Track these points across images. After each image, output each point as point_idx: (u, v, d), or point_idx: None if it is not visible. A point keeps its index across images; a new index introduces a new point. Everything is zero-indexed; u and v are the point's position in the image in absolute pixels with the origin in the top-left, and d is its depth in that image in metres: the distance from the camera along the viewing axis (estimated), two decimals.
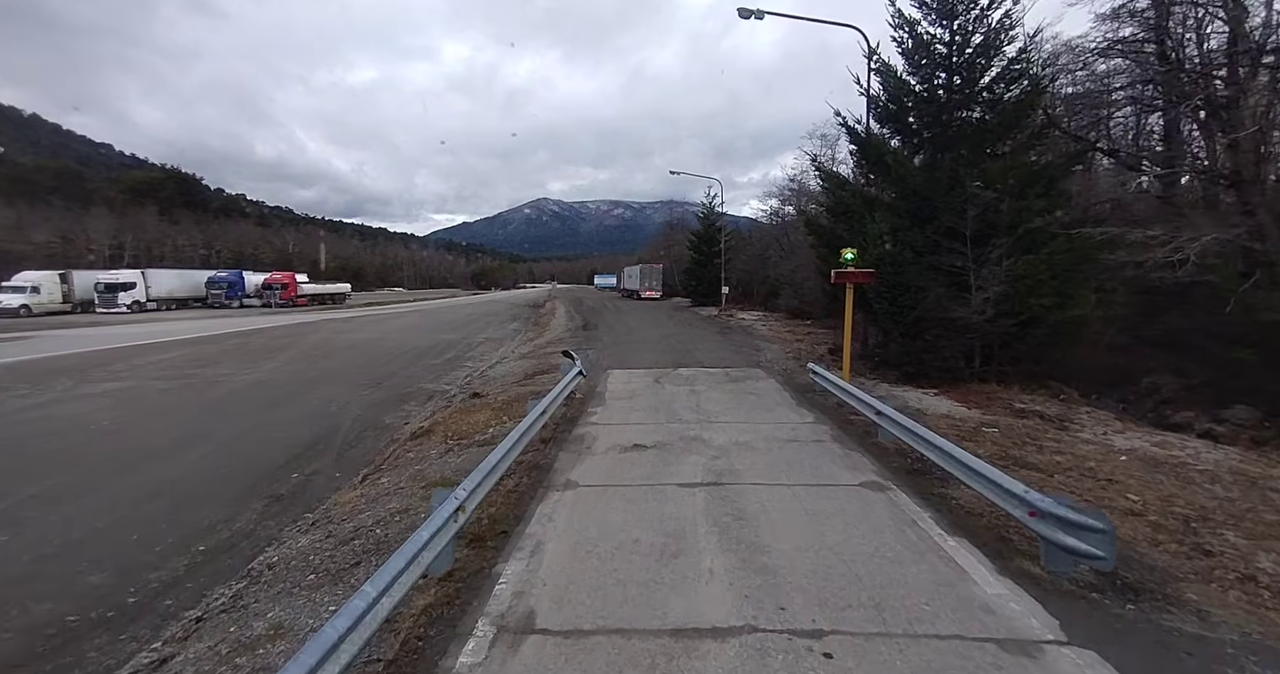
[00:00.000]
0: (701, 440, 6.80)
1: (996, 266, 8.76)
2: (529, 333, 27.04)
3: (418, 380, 14.76)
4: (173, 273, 48.17)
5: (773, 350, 15.71)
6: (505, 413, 8.57)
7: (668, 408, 8.51)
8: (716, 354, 14.75)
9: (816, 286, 23.71)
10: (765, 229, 44.86)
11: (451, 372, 16.09)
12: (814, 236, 10.10)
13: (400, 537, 4.52)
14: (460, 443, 7.46)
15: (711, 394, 9.40)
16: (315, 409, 11.43)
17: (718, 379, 10.86)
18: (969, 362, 9.15)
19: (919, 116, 9.69)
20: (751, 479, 5.49)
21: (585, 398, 9.49)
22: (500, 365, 15.99)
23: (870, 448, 6.53)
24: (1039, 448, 6.43)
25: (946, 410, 8.30)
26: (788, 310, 28.61)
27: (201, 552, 5.37)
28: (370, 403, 12.07)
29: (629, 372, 12.00)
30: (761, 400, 8.95)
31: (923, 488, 5.26)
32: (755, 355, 14.58)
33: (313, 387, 13.73)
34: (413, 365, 17.25)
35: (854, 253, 8.48)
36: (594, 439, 7.02)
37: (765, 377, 11.14)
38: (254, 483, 7.34)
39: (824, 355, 14.40)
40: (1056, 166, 9.05)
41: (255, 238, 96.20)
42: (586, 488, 5.38)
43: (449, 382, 14.57)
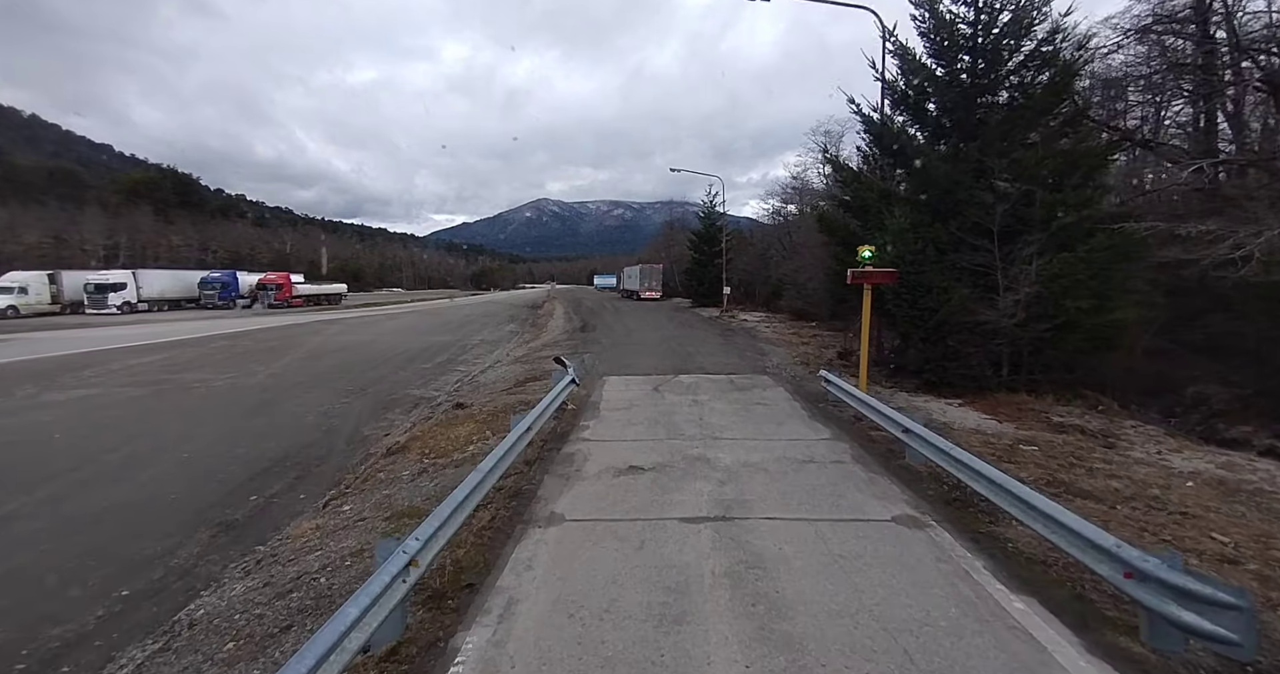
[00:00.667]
0: (706, 461, 6.03)
1: (1027, 266, 8.00)
2: (526, 335, 26.27)
3: (405, 386, 14.00)
4: (165, 273, 47.41)
5: (779, 354, 14.93)
6: (490, 426, 7.80)
7: (668, 421, 7.73)
8: (720, 359, 13.97)
9: (821, 287, 22.94)
10: (767, 229, 44.10)
11: (442, 376, 15.33)
12: (827, 234, 9.35)
13: (347, 588, 3.75)
14: (437, 462, 6.69)
15: (716, 405, 8.63)
16: (291, 419, 10.66)
17: (722, 387, 10.09)
18: (996, 369, 8.37)
19: (940, 103, 8.91)
20: (766, 511, 4.72)
21: (578, 409, 8.72)
22: (492, 370, 15.21)
23: (897, 471, 5.76)
24: (1089, 471, 5.66)
25: (975, 424, 7.53)
26: (791, 311, 27.83)
27: (124, 598, 4.59)
28: (351, 411, 11.31)
29: (627, 378, 11.22)
30: (771, 412, 8.18)
31: (968, 525, 4.48)
32: (761, 360, 13.80)
33: (293, 393, 12.97)
34: (402, 370, 16.47)
35: (872, 251, 7.73)
36: (585, 459, 6.25)
37: (773, 384, 10.36)
38: (207, 507, 6.58)
39: (833, 360, 13.63)
40: (1095, 154, 8.25)
41: (252, 238, 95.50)
42: (573, 523, 4.61)
43: (438, 387, 13.81)
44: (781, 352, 15.53)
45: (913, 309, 8.56)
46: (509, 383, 12.25)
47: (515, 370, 14.24)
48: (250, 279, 50.43)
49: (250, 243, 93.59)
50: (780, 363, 13.24)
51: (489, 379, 13.63)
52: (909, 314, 8.62)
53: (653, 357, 14.52)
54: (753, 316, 29.69)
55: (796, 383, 10.62)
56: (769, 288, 35.89)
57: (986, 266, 8.36)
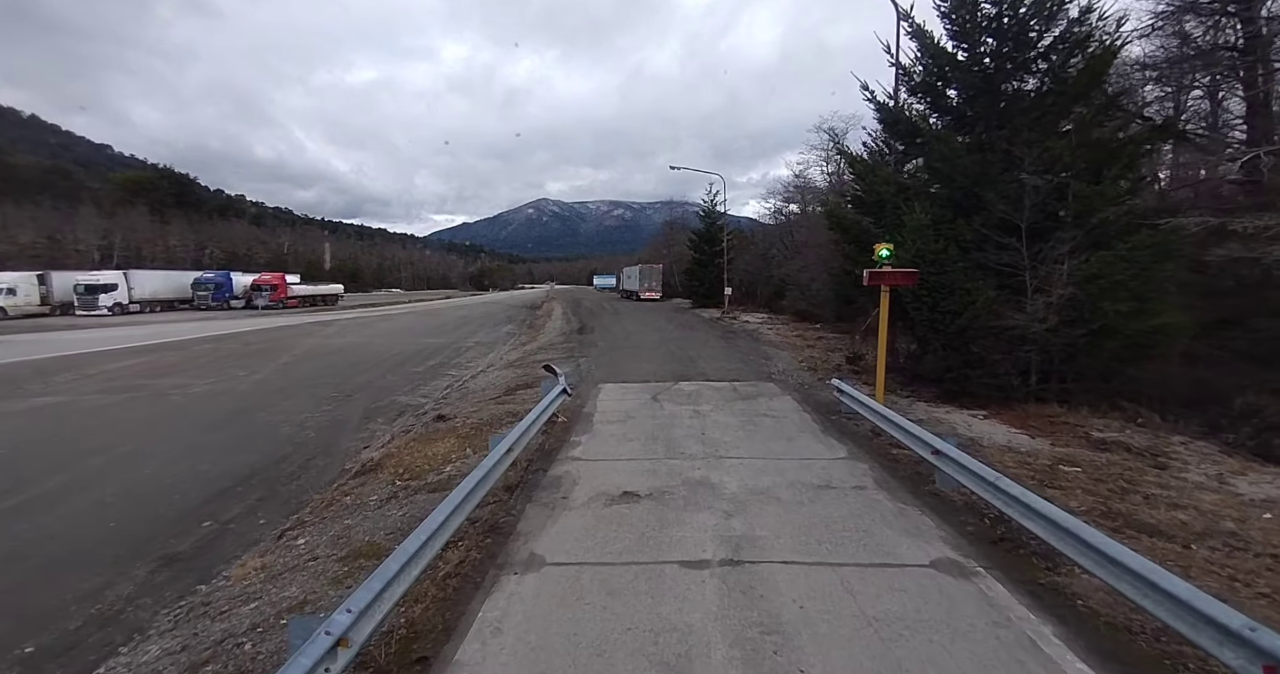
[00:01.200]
0: (710, 486, 5.33)
1: (1058, 265, 7.31)
2: (522, 337, 25.59)
3: (393, 392, 13.32)
4: (157, 274, 46.74)
5: (783, 359, 14.23)
6: (471, 442, 7.11)
7: (667, 436, 7.04)
8: (722, 364, 13.27)
9: (826, 287, 22.23)
10: (768, 229, 43.42)
11: (432, 381, 14.65)
12: (838, 232, 8.66)
13: (271, 660, 3.06)
14: (409, 484, 6.00)
15: (719, 417, 7.93)
16: (266, 429, 9.98)
17: (725, 396, 9.39)
18: (1024, 378, 7.68)
19: (962, 90, 8.21)
20: (781, 553, 4.03)
21: (570, 421, 8.02)
22: (483, 375, 14.52)
23: (927, 499, 5.06)
24: (1145, 498, 4.97)
25: (1005, 439, 6.83)
26: (794, 312, 27.14)
27: (25, 658, 3.90)
28: (331, 421, 10.63)
29: (623, 386, 10.53)
30: (780, 426, 7.48)
31: (1022, 572, 3.79)
32: (765, 365, 13.10)
33: (273, 400, 12.28)
34: (391, 374, 15.78)
35: (890, 250, 7.04)
36: (574, 483, 5.55)
37: (780, 393, 9.66)
38: (153, 536, 5.88)
39: (841, 365, 12.93)
40: (1137, 143, 7.54)
41: (250, 238, 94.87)
42: (555, 568, 3.91)
43: (426, 393, 13.14)
44: (786, 356, 14.83)
45: (933, 312, 7.86)
46: (499, 390, 11.57)
47: (507, 376, 13.56)
48: (245, 280, 49.74)
49: (247, 243, 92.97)
50: (786, 368, 12.54)
51: (479, 385, 12.95)
52: (928, 318, 7.92)
53: (651, 361, 13.83)
54: (755, 318, 29.01)
55: (805, 391, 9.92)
56: (771, 288, 35.21)
57: (1013, 266, 7.67)
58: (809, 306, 24.41)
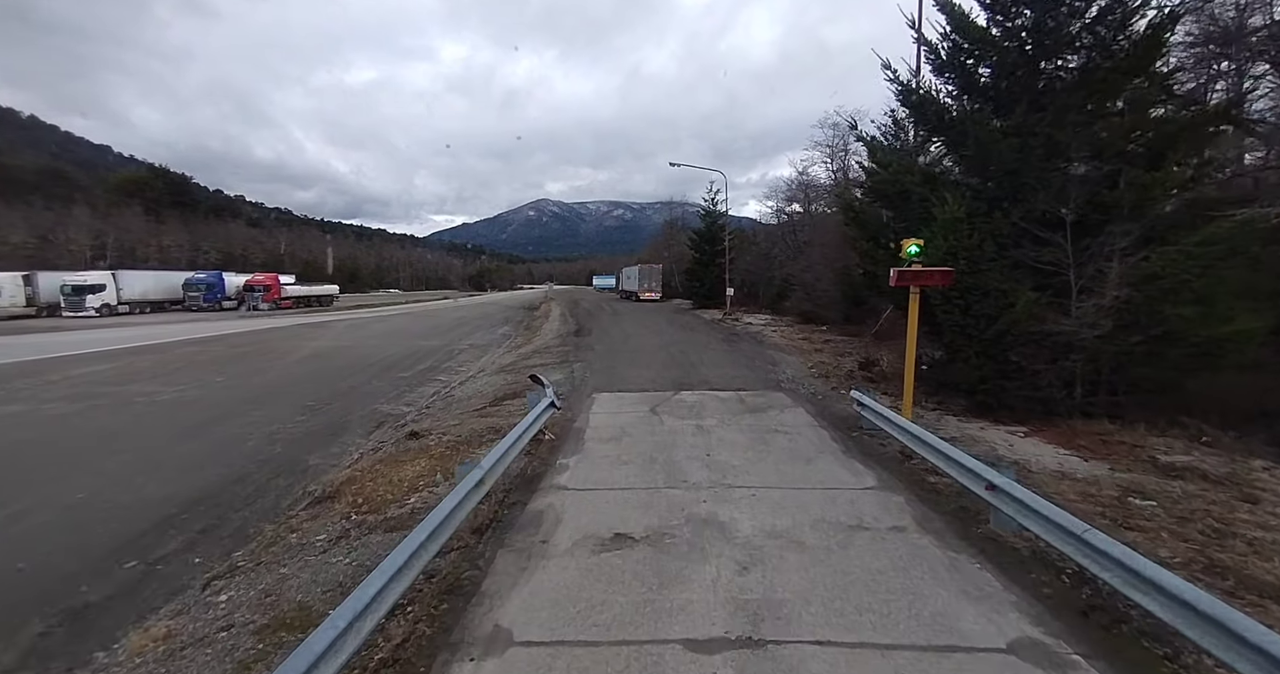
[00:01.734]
0: (718, 526, 4.46)
1: (1107, 262, 6.43)
2: (518, 339, 24.73)
3: (375, 399, 12.45)
4: (147, 274, 45.89)
5: (791, 364, 13.35)
6: (444, 465, 6.23)
7: (667, 459, 6.16)
8: (726, 370, 12.39)
9: (833, 288, 21.37)
10: (770, 228, 42.57)
11: (418, 388, 13.79)
12: (856, 227, 7.80)
13: None
14: (366, 519, 5.12)
15: (726, 433, 7.05)
16: (229, 443, 9.10)
17: (732, 408, 8.51)
18: (1068, 390, 6.80)
19: (997, 68, 7.30)
20: (814, 627, 3.15)
21: (559, 438, 7.14)
22: (472, 382, 13.65)
23: (983, 544, 4.18)
24: (1249, 545, 4.09)
25: (1055, 463, 5.96)
26: (799, 314, 26.25)
27: None
28: (303, 433, 9.76)
29: (620, 396, 9.64)
30: (795, 444, 6.61)
31: (1135, 663, 2.91)
32: (772, 371, 12.22)
33: (245, 409, 11.42)
34: (377, 379, 14.91)
35: (920, 245, 6.17)
36: (557, 520, 4.67)
37: (791, 404, 8.78)
38: (67, 578, 5.02)
39: (854, 372, 12.05)
40: (1206, 121, 6.63)
41: (246, 238, 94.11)
42: (524, 649, 3.04)
43: (410, 402, 12.28)
44: (794, 361, 13.95)
45: (965, 316, 6.97)
46: (485, 399, 10.70)
47: (497, 383, 12.69)
48: (237, 280, 48.90)
49: (244, 243, 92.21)
50: (795, 375, 11.66)
51: (465, 393, 12.08)
52: (959, 322, 7.03)
53: (650, 367, 12.95)
54: (757, 319, 28.13)
55: (818, 402, 9.03)
56: (774, 289, 34.33)
57: (1054, 264, 6.79)
58: (815, 308, 23.54)
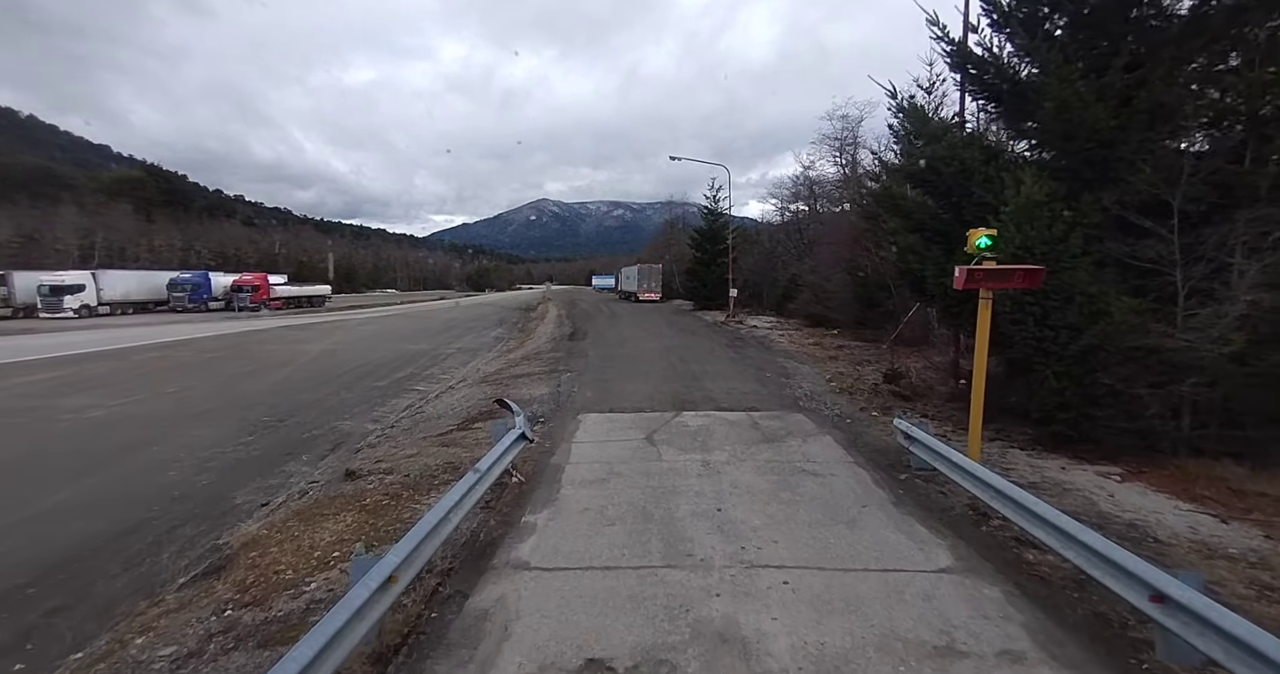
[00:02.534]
0: (741, 648, 2.99)
1: (1229, 258, 4.98)
2: (510, 342, 23.30)
3: (340, 414, 11.04)
4: (130, 274, 44.43)
5: (806, 375, 11.87)
6: (377, 521, 4.77)
7: (666, 514, 4.70)
8: (733, 383, 10.91)
9: (845, 290, 19.88)
10: (774, 227, 41.12)
11: (391, 400, 12.37)
12: (896, 218, 6.36)
13: None
14: (242, 618, 3.65)
15: (741, 474, 5.60)
16: (146, 475, 7.65)
17: (744, 435, 7.04)
18: (1174, 420, 5.34)
19: (1075, 16, 5.82)
20: None
21: (529, 480, 5.67)
22: (449, 394, 12.19)
23: None
24: None
25: (1183, 525, 4.48)
26: (806, 316, 24.78)
27: None
28: (242, 460, 8.33)
29: (611, 418, 8.17)
30: (830, 492, 5.14)
31: None
32: (787, 385, 10.73)
33: (187, 427, 9.99)
34: (349, 389, 13.48)
35: (993, 237, 4.71)
36: (504, 633, 3.20)
37: (816, 430, 7.30)
38: None
39: (879, 385, 10.58)
40: None
41: (239, 238, 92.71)
42: None
43: (378, 417, 10.86)
44: (808, 371, 12.47)
45: (1040, 327, 5.49)
46: (457, 418, 9.24)
47: (476, 396, 11.23)
48: (225, 280, 47.47)
49: (237, 243, 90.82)
50: (813, 390, 10.18)
51: (438, 409, 10.61)
52: (1033, 334, 5.54)
53: (648, 379, 11.48)
54: (762, 322, 26.64)
55: (848, 428, 7.54)
56: (778, 290, 32.87)
57: (1156, 262, 5.34)
58: (824, 310, 22.06)
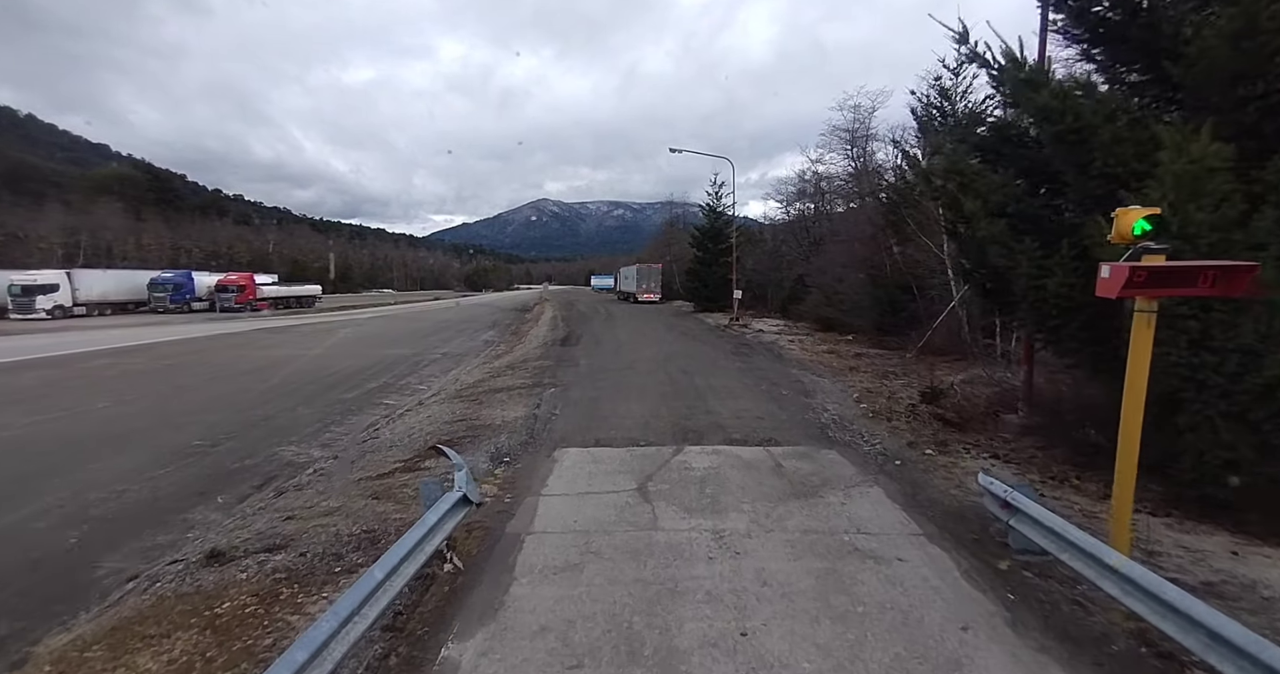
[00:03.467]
0: None
1: None
2: (500, 346, 21.68)
3: (288, 436, 9.43)
4: (108, 273, 42.74)
5: (829, 392, 10.19)
6: (214, 656, 3.13)
7: (662, 646, 3.03)
8: (745, 401, 9.23)
9: (862, 292, 18.18)
10: (779, 225, 39.45)
11: (354, 416, 10.77)
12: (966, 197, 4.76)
13: None
14: None
15: (768, 557, 3.94)
16: (3, 527, 6.02)
17: (768, 486, 5.37)
18: None
19: None
20: None
21: (468, 566, 4.01)
22: (417, 412, 10.52)
23: None
24: None
25: None
26: (816, 320, 23.11)
27: None
28: (142, 501, 6.76)
29: (595, 455, 6.49)
30: (905, 596, 3.48)
31: None
32: (808, 405, 9.05)
33: (96, 454, 8.38)
34: (309, 403, 11.84)
35: (1158, 219, 3.09)
36: None
37: (858, 476, 5.63)
38: None
39: (916, 407, 8.91)
40: None
41: (232, 237, 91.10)
42: None
43: (330, 440, 9.26)
44: (829, 386, 10.79)
45: (1198, 349, 3.80)
46: (410, 449, 7.57)
47: (443, 416, 9.57)
48: (209, 280, 45.80)
49: (229, 241, 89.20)
50: (842, 413, 8.49)
51: (395, 433, 8.93)
52: (1186, 360, 3.85)
53: (644, 396, 9.81)
54: (768, 326, 24.96)
55: (898, 471, 5.84)
56: (784, 291, 31.21)
57: None
58: (836, 313, 20.39)
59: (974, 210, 4.87)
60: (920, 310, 15.20)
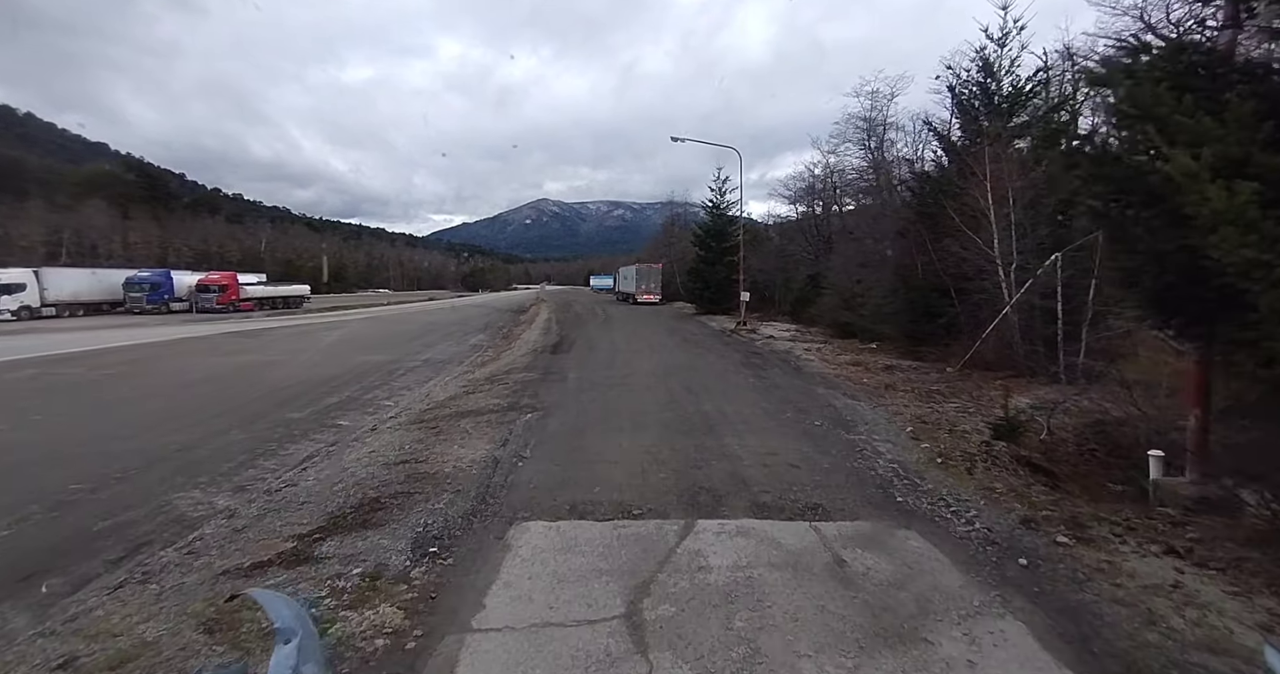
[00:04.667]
0: None
1: None
2: (488, 352, 19.73)
3: (197, 475, 7.47)
4: (80, 272, 40.78)
5: (871, 421, 8.18)
6: None
7: None
8: (771, 438, 7.22)
9: (891, 295, 16.14)
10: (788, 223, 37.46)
11: (293, 445, 8.86)
12: (1180, 150, 3.01)
13: None
14: None
15: None
16: None
17: (830, 610, 3.39)
18: None
19: None
20: None
21: None
22: (362, 444, 8.52)
23: None
24: None
25: None
26: (831, 325, 21.12)
27: None
28: None
29: (567, 535, 4.47)
30: None
31: None
32: (850, 442, 7.04)
33: None
34: (246, 426, 9.91)
35: None
36: None
37: (974, 594, 3.62)
38: None
39: (992, 447, 6.90)
40: None
41: (223, 235, 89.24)
42: None
43: (249, 482, 7.31)
44: (870, 413, 8.77)
45: None
46: (326, 510, 5.55)
47: (392, 449, 7.60)
48: (189, 279, 43.87)
49: (220, 240, 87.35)
50: (902, 457, 6.46)
51: (323, 478, 6.94)
52: None
53: (640, 427, 7.80)
54: (779, 331, 22.96)
55: (1032, 580, 3.80)
56: (793, 293, 29.22)
57: None
58: (856, 318, 18.37)
59: (1186, 171, 2.91)
60: (961, 317, 13.21)
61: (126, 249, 70.76)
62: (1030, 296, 10.72)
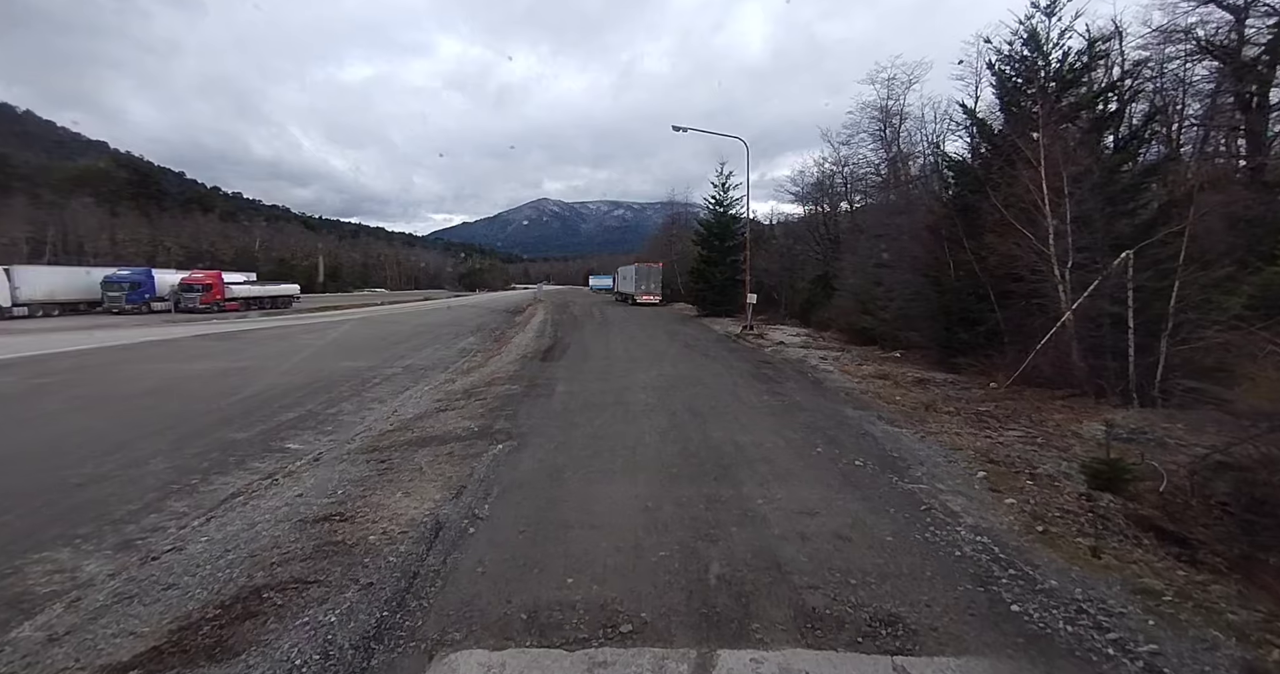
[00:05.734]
0: None
1: None
2: (476, 358, 18.15)
3: (79, 525, 5.92)
4: (56, 270, 39.21)
5: (924, 458, 6.54)
6: None
7: None
8: (803, 486, 5.59)
9: (918, 297, 14.47)
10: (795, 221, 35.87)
11: (220, 477, 7.31)
12: None
13: None
14: None
15: None
16: None
17: None
18: None
19: None
20: None
21: None
22: (297, 482, 6.89)
23: None
24: None
25: None
26: (845, 329, 19.49)
27: None
28: None
29: None
30: None
31: None
32: (911, 494, 5.40)
33: None
34: (175, 451, 8.30)
35: None
36: None
37: None
38: None
39: (1094, 501, 5.26)
40: None
41: (215, 233, 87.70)
42: None
43: (146, 531, 5.71)
44: (919, 447, 7.12)
45: None
46: (189, 604, 3.91)
47: (321, 495, 6.00)
48: (172, 278, 42.27)
49: (213, 238, 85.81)
50: (989, 523, 4.82)
51: (215, 546, 5.30)
52: None
53: (635, 468, 6.15)
54: (789, 336, 21.31)
55: None
56: (801, 295, 27.60)
57: None
58: (877, 323, 16.73)
59: None
60: (1003, 324, 11.56)
61: (115, 247, 69.23)
62: (1097, 301, 9.08)
